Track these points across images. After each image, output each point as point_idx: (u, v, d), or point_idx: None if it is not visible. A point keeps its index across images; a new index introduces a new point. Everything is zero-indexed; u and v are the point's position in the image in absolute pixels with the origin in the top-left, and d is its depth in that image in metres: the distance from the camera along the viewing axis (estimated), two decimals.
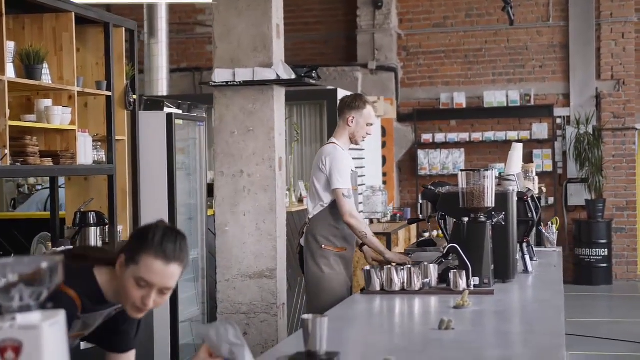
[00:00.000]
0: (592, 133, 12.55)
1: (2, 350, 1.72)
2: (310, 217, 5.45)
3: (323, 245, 5.34)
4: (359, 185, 10.33)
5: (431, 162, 13.16)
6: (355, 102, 5.47)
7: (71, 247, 5.25)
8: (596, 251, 12.44)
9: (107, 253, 2.78)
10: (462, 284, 4.23)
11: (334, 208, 5.30)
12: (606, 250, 12.47)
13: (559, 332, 3.23)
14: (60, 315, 1.80)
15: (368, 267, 4.41)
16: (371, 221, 10.70)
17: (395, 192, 13.08)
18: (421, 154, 13.15)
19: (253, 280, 5.85)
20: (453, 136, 13.07)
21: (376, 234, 9.38)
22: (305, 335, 2.75)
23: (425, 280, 4.34)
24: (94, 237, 5.53)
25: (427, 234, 12.41)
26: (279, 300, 5.90)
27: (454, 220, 4.59)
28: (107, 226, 5.72)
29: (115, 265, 2.69)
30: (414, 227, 11.58)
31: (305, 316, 2.75)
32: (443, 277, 4.41)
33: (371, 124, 5.49)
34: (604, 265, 12.48)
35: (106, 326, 2.87)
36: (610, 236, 12.57)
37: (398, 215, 11.38)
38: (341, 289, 5.30)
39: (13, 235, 6.56)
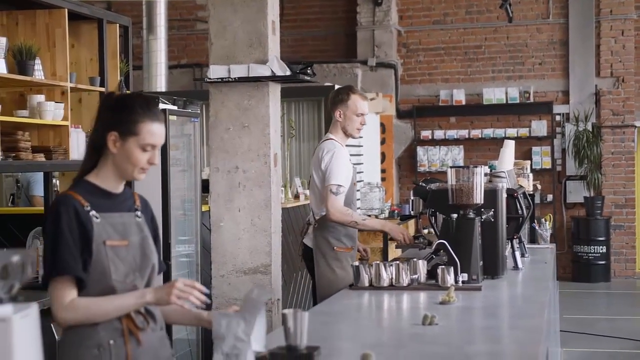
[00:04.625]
0: (591, 130, 12.56)
1: None
2: (317, 217, 5.33)
3: (335, 247, 5.26)
4: (357, 181, 10.39)
5: (430, 158, 13.17)
6: (339, 95, 5.38)
7: None
8: (594, 248, 12.45)
9: (86, 164, 2.99)
10: (450, 280, 4.24)
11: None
12: (604, 247, 12.48)
13: (539, 328, 3.24)
14: (32, 308, 1.83)
15: (357, 263, 4.43)
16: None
17: (395, 188, 13.09)
18: (420, 150, 13.16)
19: (248, 276, 5.87)
20: (452, 133, 13.08)
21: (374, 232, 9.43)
22: (286, 330, 2.78)
23: (414, 276, 4.35)
24: None
25: (426, 231, 12.42)
26: (273, 296, 5.92)
27: (443, 216, 4.60)
28: None
29: (96, 166, 2.93)
30: (412, 223, 11.59)
31: (286, 311, 2.78)
32: (432, 273, 4.42)
33: (361, 114, 5.36)
34: (603, 262, 12.49)
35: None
36: (609, 233, 12.58)
37: (396, 211, 11.38)
38: None
39: (9, 229, 6.58)
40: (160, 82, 10.71)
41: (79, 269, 2.80)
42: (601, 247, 12.45)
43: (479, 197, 4.45)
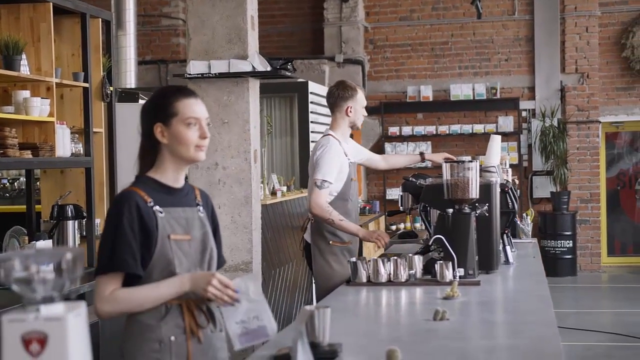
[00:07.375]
0: (557, 126, 12.68)
1: (27, 342, 1.70)
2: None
3: (330, 242, 5.26)
4: None
5: None
6: (348, 91, 5.42)
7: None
8: (561, 243, 12.58)
9: (143, 165, 2.99)
10: (449, 275, 4.24)
11: (338, 201, 5.23)
12: (571, 241, 12.61)
13: (552, 322, 3.26)
14: (82, 307, 1.78)
15: (354, 259, 4.41)
16: None
17: (363, 185, 13.10)
18: (388, 147, 13.18)
19: (229, 274, 5.81)
20: (420, 129, 13.11)
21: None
22: (309, 326, 2.75)
23: (411, 271, 4.34)
24: (72, 230, 5.46)
25: (394, 227, 12.47)
26: None
27: (438, 211, 4.59)
28: (84, 219, 5.65)
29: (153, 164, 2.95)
30: (382, 219, 11.63)
31: (309, 307, 2.75)
32: (427, 269, 4.42)
33: (365, 106, 5.53)
34: (569, 256, 12.63)
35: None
36: (575, 228, 12.72)
37: (367, 208, 11.42)
38: None
39: None
40: (130, 78, 10.56)
41: (137, 267, 2.81)
42: (567, 241, 12.59)
43: (474, 192, 4.46)
